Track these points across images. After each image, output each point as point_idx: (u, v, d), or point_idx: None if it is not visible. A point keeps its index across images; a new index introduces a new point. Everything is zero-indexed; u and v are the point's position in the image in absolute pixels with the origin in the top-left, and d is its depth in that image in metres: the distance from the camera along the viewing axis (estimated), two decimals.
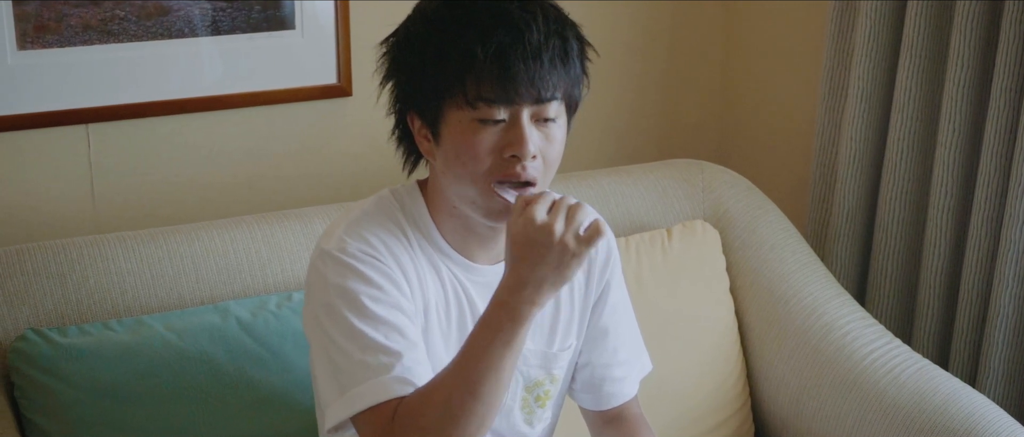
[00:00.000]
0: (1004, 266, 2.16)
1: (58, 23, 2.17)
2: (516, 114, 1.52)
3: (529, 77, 1.50)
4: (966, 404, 2.00)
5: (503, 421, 1.76)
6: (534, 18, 1.51)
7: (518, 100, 1.51)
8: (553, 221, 1.44)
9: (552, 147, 1.56)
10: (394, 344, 1.53)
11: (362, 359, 1.52)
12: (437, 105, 1.55)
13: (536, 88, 1.51)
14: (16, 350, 1.92)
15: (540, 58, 1.50)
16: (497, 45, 1.50)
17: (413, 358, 1.53)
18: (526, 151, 1.52)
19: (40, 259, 1.99)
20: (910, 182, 2.35)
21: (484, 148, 1.53)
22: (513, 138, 1.53)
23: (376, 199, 1.67)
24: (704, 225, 2.35)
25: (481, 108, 1.52)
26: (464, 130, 1.53)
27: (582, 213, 1.45)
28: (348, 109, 2.45)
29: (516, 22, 1.50)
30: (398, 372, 1.51)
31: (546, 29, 1.52)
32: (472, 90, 1.51)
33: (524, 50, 1.50)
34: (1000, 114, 2.15)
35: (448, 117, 1.54)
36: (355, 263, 1.57)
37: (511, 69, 1.50)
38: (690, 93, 2.85)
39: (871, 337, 2.18)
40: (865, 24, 2.33)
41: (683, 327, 2.26)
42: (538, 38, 1.51)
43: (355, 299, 1.55)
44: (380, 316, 1.54)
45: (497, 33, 1.50)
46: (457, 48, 1.51)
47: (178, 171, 2.36)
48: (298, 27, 2.36)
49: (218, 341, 1.98)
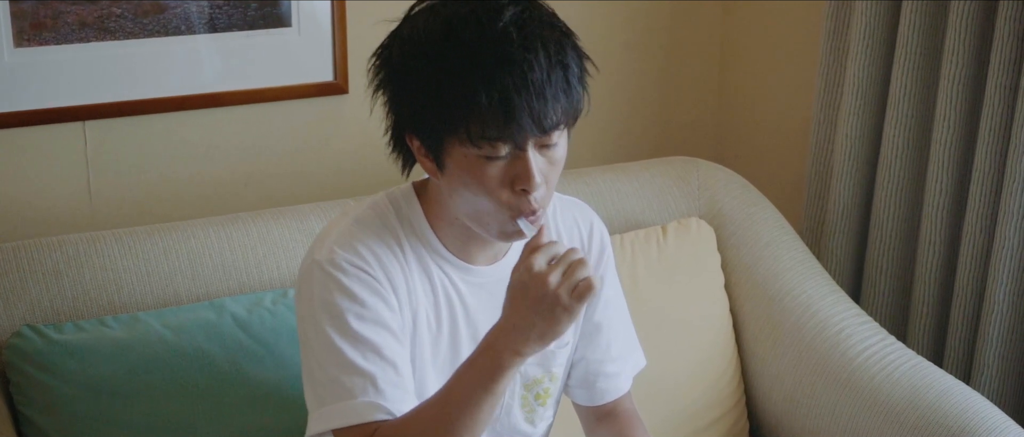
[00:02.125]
0: (999, 263, 2.17)
1: (55, 20, 2.18)
2: (521, 148, 1.51)
3: (533, 116, 1.47)
4: (961, 401, 2.00)
5: (504, 421, 1.76)
6: (536, 55, 1.47)
7: (522, 139, 1.49)
8: (549, 272, 1.44)
9: (555, 169, 1.56)
10: (370, 365, 1.54)
11: (336, 377, 1.54)
12: (438, 138, 1.52)
13: (540, 125, 1.49)
14: (12, 346, 1.92)
15: (544, 96, 1.48)
16: (501, 90, 1.46)
17: (387, 380, 1.54)
18: (534, 185, 1.51)
19: (36, 256, 2.00)
20: (905, 180, 2.35)
21: (492, 181, 1.51)
22: (520, 172, 1.51)
23: (371, 204, 1.66)
24: (699, 222, 2.36)
25: (485, 147, 1.49)
26: (470, 165, 1.51)
27: (582, 270, 1.44)
28: (345, 107, 2.45)
29: (519, 62, 1.46)
30: (370, 396, 1.52)
31: (548, 62, 1.48)
32: (476, 131, 1.48)
33: (528, 92, 1.46)
34: (994, 112, 2.15)
35: (451, 150, 1.52)
36: (342, 277, 1.57)
37: (515, 113, 1.47)
38: (686, 91, 2.85)
39: (866, 334, 2.18)
40: (860, 22, 2.33)
41: (678, 324, 2.26)
42: (541, 76, 1.47)
43: (338, 315, 1.55)
44: (360, 335, 1.55)
45: (500, 77, 1.46)
46: (459, 91, 1.47)
47: (174, 168, 2.36)
48: (295, 25, 2.36)
49: (214, 337, 1.99)
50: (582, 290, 1.43)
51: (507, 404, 1.75)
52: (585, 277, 1.44)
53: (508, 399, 1.75)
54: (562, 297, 1.43)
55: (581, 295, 1.43)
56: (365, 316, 1.56)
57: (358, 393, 1.53)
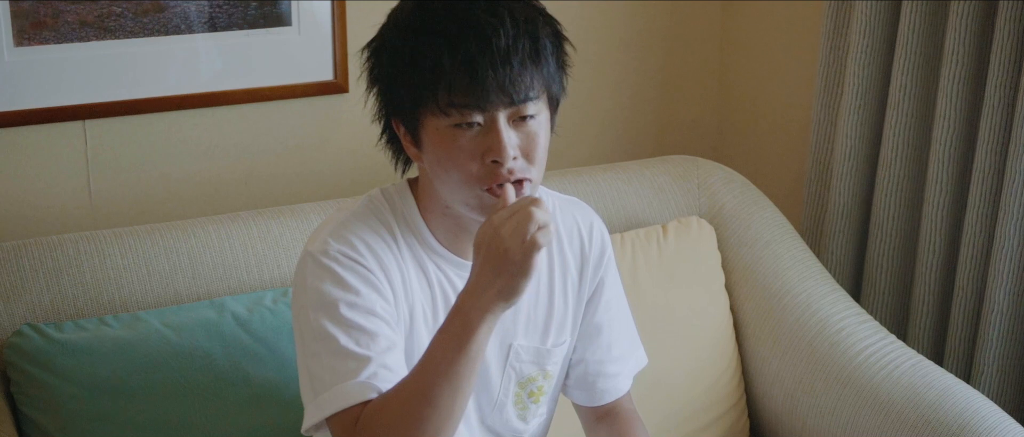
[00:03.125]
0: (999, 262, 2.17)
1: (55, 19, 2.18)
2: (492, 118, 1.52)
3: (499, 82, 1.49)
4: (961, 400, 2.00)
5: (497, 417, 1.76)
6: (502, 22, 1.50)
7: (490, 106, 1.51)
8: (502, 226, 1.44)
9: (533, 143, 1.55)
10: (363, 349, 1.53)
11: (331, 364, 1.53)
12: (414, 113, 1.55)
13: (507, 92, 1.51)
14: (12, 346, 1.92)
15: (509, 62, 1.50)
16: (464, 53, 1.49)
17: (381, 363, 1.53)
18: (505, 155, 1.52)
19: (37, 255, 2.00)
20: (905, 179, 2.35)
21: (465, 153, 1.53)
22: (491, 143, 1.52)
23: (366, 199, 1.68)
24: (699, 221, 2.36)
25: (454, 115, 1.51)
26: (442, 137, 1.53)
27: (530, 222, 1.43)
28: (344, 106, 2.45)
29: (483, 28, 1.49)
30: (364, 377, 1.52)
31: (515, 31, 1.51)
32: (444, 98, 1.51)
33: (492, 56, 1.49)
34: (994, 111, 2.15)
35: (426, 124, 1.55)
36: (335, 266, 1.57)
37: (480, 76, 1.49)
38: (686, 90, 2.85)
39: (866, 333, 2.18)
40: (860, 21, 2.33)
41: (678, 323, 2.26)
42: (506, 42, 1.50)
43: (331, 304, 1.56)
44: (353, 322, 1.55)
45: (464, 41, 1.49)
46: (426, 58, 1.51)
47: (175, 167, 2.36)
48: (295, 24, 2.36)
49: (214, 336, 1.99)
50: (528, 247, 1.42)
51: (500, 400, 1.75)
52: (535, 230, 1.43)
53: (501, 396, 1.75)
54: (514, 252, 1.43)
55: (527, 252, 1.42)
56: (358, 305, 1.56)
57: (351, 376, 1.52)
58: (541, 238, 1.43)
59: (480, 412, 1.75)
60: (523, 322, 1.73)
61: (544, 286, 1.75)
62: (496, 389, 1.74)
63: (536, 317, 1.75)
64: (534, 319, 1.74)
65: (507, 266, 1.43)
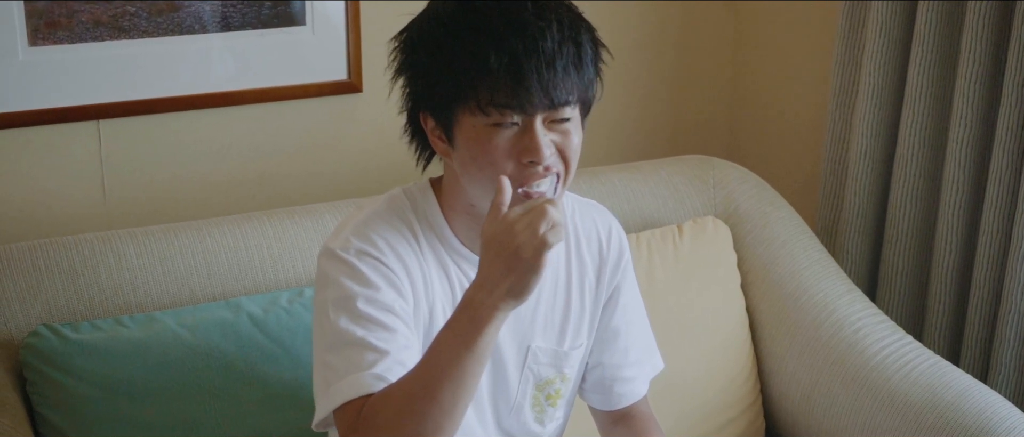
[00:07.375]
0: (1016, 262, 2.16)
1: (69, 19, 2.18)
2: (529, 119, 1.52)
3: (542, 85, 1.49)
4: (979, 400, 1.99)
5: (514, 420, 1.76)
6: (549, 25, 1.50)
7: (531, 108, 1.50)
8: (515, 223, 1.43)
9: (568, 144, 1.55)
10: (381, 344, 1.52)
11: (347, 355, 1.53)
12: (449, 109, 1.54)
13: (549, 95, 1.50)
14: (28, 346, 1.92)
15: (554, 66, 1.49)
16: (511, 53, 1.48)
17: (397, 359, 1.52)
18: (542, 156, 1.52)
19: (52, 255, 2.00)
20: (921, 178, 2.35)
21: (500, 153, 1.52)
22: (528, 144, 1.52)
23: (387, 198, 1.67)
24: (715, 221, 2.35)
25: (494, 114, 1.51)
26: (478, 135, 1.53)
27: (543, 220, 1.42)
28: (358, 105, 2.45)
29: (531, 29, 1.49)
30: (379, 369, 1.50)
31: (561, 35, 1.50)
32: (485, 97, 1.50)
33: (538, 59, 1.48)
34: (1011, 110, 2.14)
35: (461, 121, 1.54)
36: (356, 262, 1.57)
37: (525, 78, 1.48)
38: (701, 89, 2.85)
39: (883, 333, 2.17)
40: (876, 20, 2.33)
41: (694, 323, 2.26)
42: (552, 46, 1.49)
43: (349, 299, 1.55)
44: (372, 317, 1.54)
45: (511, 41, 1.49)
46: (470, 55, 1.50)
47: (189, 167, 2.36)
48: (308, 23, 2.36)
49: (230, 337, 1.99)
50: (539, 245, 1.41)
51: (518, 403, 1.75)
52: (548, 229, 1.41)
53: (519, 398, 1.74)
54: (525, 249, 1.41)
55: (538, 250, 1.41)
56: (377, 300, 1.55)
57: (368, 367, 1.51)
58: (551, 237, 1.41)
59: (497, 415, 1.74)
60: (541, 324, 1.73)
61: (561, 288, 1.75)
62: (514, 391, 1.73)
63: (553, 319, 1.74)
64: (551, 321, 1.74)
65: (518, 263, 1.42)
